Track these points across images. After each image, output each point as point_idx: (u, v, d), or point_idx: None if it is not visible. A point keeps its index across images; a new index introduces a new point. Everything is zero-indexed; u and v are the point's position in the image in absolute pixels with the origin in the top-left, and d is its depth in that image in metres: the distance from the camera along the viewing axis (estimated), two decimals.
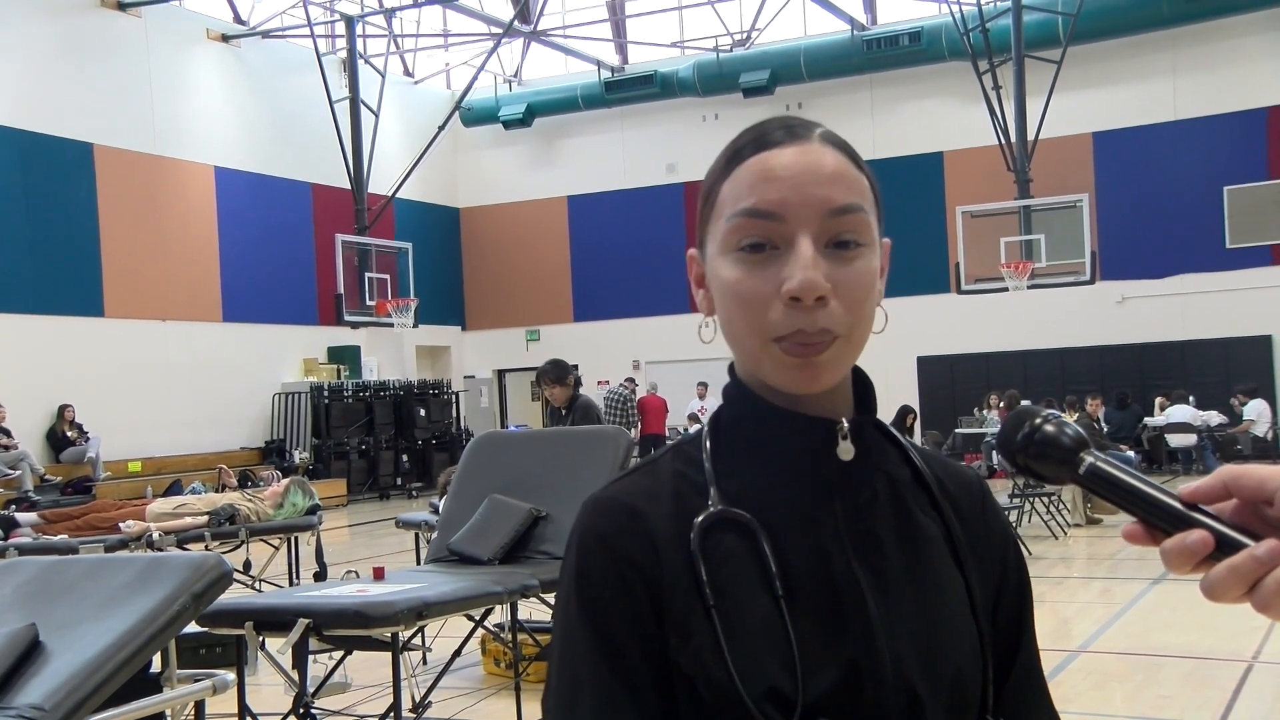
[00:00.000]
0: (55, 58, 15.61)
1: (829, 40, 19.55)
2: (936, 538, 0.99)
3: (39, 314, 15.15)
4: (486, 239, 22.53)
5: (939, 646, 0.94)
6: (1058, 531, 10.62)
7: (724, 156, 0.97)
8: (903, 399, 15.58)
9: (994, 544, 1.03)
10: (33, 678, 2.57)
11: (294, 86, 18.89)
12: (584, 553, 0.94)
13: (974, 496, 1.04)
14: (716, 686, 0.88)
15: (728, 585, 0.91)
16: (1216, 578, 0.73)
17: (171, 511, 7.28)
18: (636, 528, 0.93)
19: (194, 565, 2.97)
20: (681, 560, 0.92)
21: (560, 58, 21.56)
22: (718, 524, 0.94)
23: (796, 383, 0.93)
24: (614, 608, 0.92)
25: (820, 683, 0.89)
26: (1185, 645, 6.22)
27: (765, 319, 0.91)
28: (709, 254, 0.97)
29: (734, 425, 1.00)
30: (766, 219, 0.92)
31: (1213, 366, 17.39)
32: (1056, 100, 16.55)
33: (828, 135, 0.96)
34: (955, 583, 0.98)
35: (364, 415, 18.83)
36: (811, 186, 0.92)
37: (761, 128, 0.97)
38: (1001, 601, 1.02)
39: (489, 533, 4.49)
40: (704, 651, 0.89)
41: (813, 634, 0.90)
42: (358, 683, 5.03)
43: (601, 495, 0.96)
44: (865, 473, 0.98)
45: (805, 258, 0.90)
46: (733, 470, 0.97)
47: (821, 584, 0.93)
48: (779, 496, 0.95)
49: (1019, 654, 1.02)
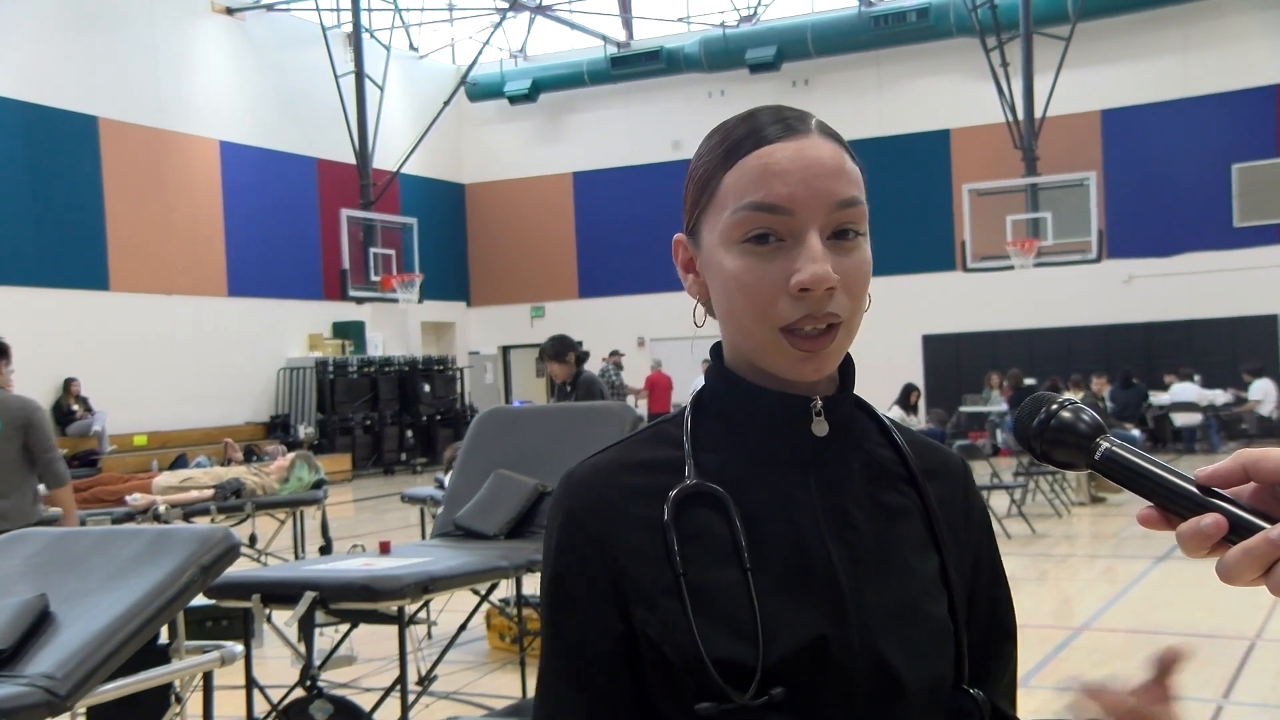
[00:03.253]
0: (60, 30, 15.55)
1: (836, 16, 19.44)
2: (912, 515, 1.01)
3: (44, 287, 15.16)
4: (491, 215, 22.50)
5: (910, 620, 0.96)
6: (1061, 510, 10.64)
7: (718, 147, 0.99)
8: (908, 377, 15.59)
9: (972, 527, 1.06)
10: (44, 647, 2.59)
11: (299, 60, 18.82)
12: (554, 527, 0.98)
13: (956, 480, 1.06)
14: (682, 652, 0.91)
15: (698, 556, 0.94)
16: (1231, 560, 0.73)
17: (177, 485, 7.31)
18: (607, 503, 0.97)
19: (202, 538, 2.99)
20: (652, 533, 0.95)
21: (566, 33, 21.46)
22: (691, 498, 0.96)
23: (801, 372, 0.95)
24: (577, 582, 0.96)
25: (783, 649, 0.91)
26: (1188, 623, 6.24)
27: (773, 309, 0.94)
28: (706, 242, 0.99)
29: (714, 403, 1.03)
30: (775, 213, 0.94)
31: (1219, 346, 17.36)
32: (1064, 77, 16.47)
33: (823, 127, 0.98)
34: (929, 559, 1.00)
35: (369, 391, 18.86)
36: (817, 181, 0.94)
37: (755, 120, 0.98)
38: (977, 583, 1.05)
39: (495, 508, 4.50)
40: (670, 620, 0.92)
41: (782, 605, 0.93)
42: (364, 656, 5.06)
43: (576, 470, 1.00)
44: (842, 449, 1.00)
45: (815, 251, 0.93)
46: (710, 446, 1.00)
47: (793, 557, 0.95)
48: (755, 472, 0.98)
49: (991, 632, 1.05)
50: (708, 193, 0.98)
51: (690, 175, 1.01)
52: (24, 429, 4.92)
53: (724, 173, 0.97)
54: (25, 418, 4.94)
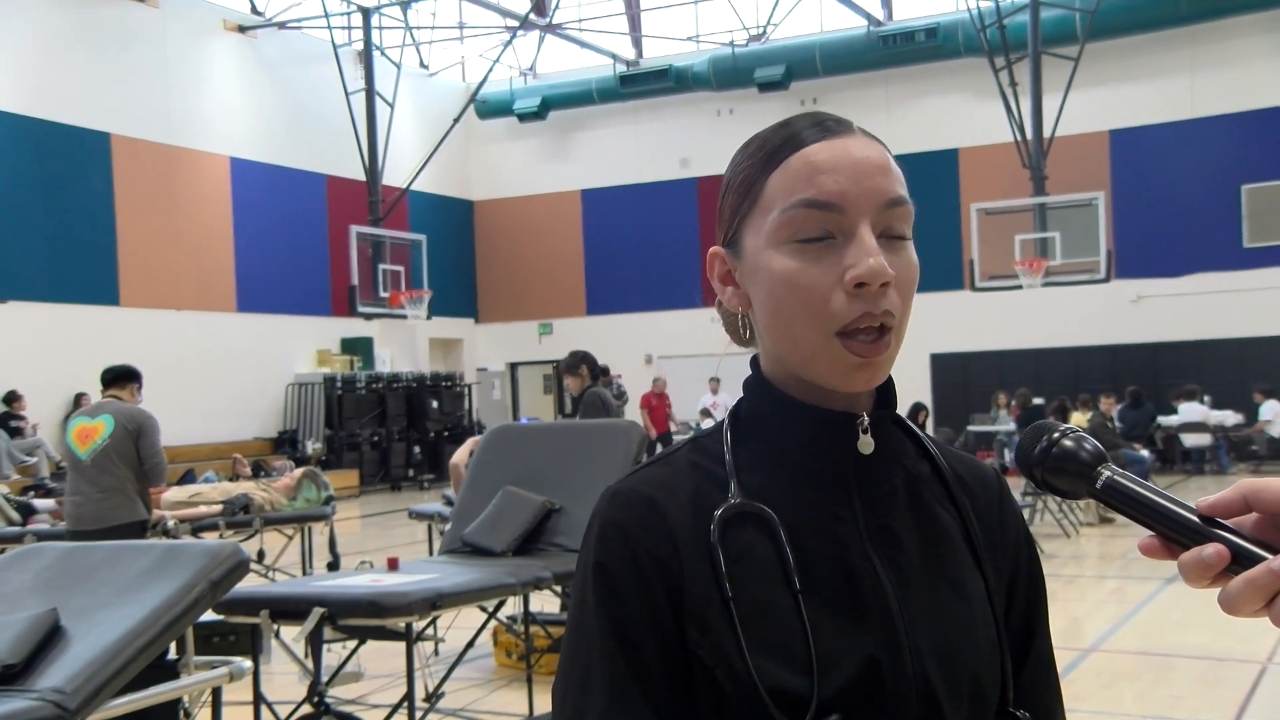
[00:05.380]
0: (73, 47, 15.67)
1: (845, 35, 19.50)
2: (955, 533, 1.00)
3: (55, 302, 15.23)
4: (500, 231, 22.56)
5: (958, 641, 0.94)
6: (1070, 530, 10.60)
7: (758, 153, 0.97)
8: (915, 396, 15.57)
9: (1009, 541, 1.04)
10: (54, 662, 2.60)
11: (310, 78, 18.93)
12: (601, 544, 0.94)
13: (991, 493, 1.05)
14: (736, 678, 0.89)
15: (746, 578, 0.92)
16: (1233, 591, 0.73)
17: (186, 500, 7.33)
18: (654, 520, 0.94)
19: (211, 553, 3.00)
20: (700, 553, 0.92)
21: (575, 51, 21.56)
22: (737, 517, 0.94)
23: (852, 381, 0.93)
24: (629, 600, 0.92)
25: (838, 678, 0.89)
26: (1198, 646, 6.20)
27: (827, 309, 0.91)
28: (750, 248, 0.97)
29: (753, 419, 1.00)
30: (827, 210, 0.92)
31: (1228, 366, 17.30)
32: (1073, 97, 16.48)
33: (863, 130, 0.98)
34: (973, 578, 0.99)
35: (376, 406, 18.88)
36: (867, 178, 0.93)
37: (793, 124, 0.97)
38: (1015, 598, 1.03)
39: (502, 525, 4.50)
40: (723, 644, 0.90)
41: (832, 628, 0.91)
42: (371, 672, 5.06)
43: (620, 486, 0.97)
44: (885, 467, 0.98)
45: (870, 245, 0.91)
46: (752, 464, 0.97)
47: (841, 578, 0.93)
48: (799, 490, 0.96)
49: (1032, 649, 1.03)
50: (750, 198, 0.96)
51: (728, 185, 1.00)
52: (135, 434, 5.89)
53: (767, 176, 0.95)
54: (137, 425, 5.94)
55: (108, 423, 5.90)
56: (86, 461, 5.87)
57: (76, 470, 5.93)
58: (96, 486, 5.84)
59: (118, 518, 5.86)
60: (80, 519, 5.87)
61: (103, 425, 5.90)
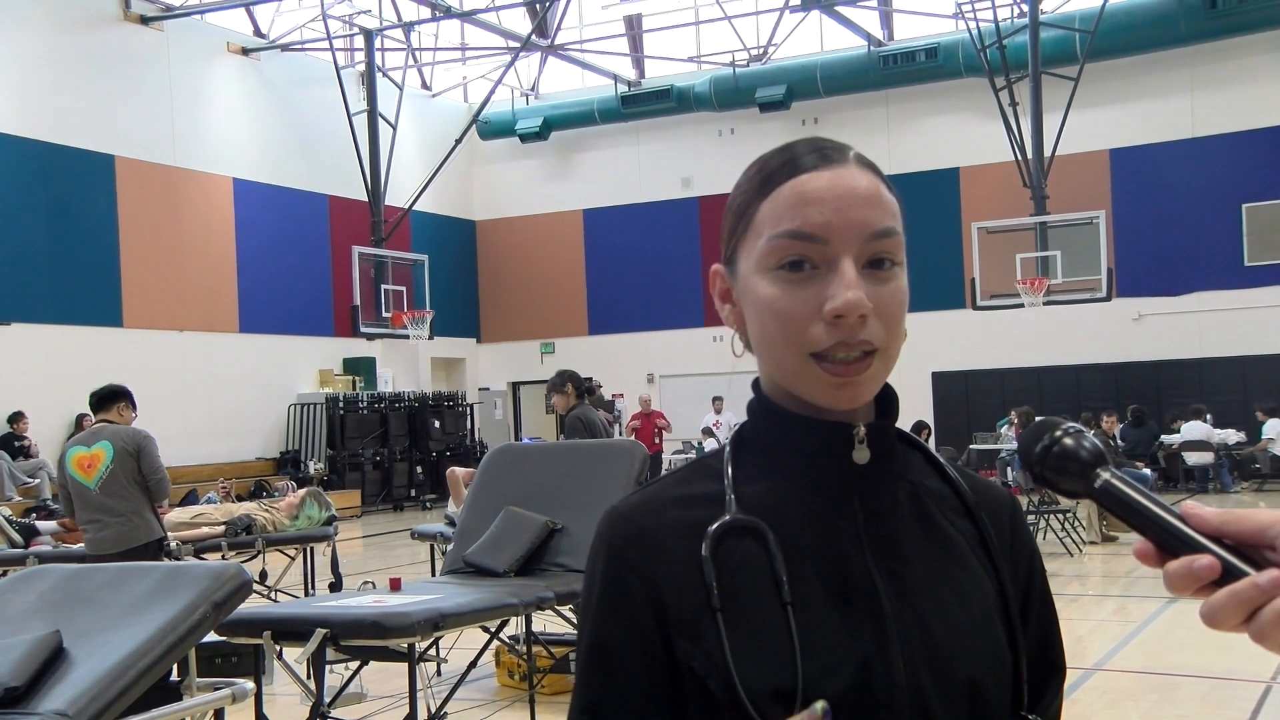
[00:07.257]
0: (77, 70, 15.75)
1: (845, 56, 19.58)
2: (964, 545, 1.01)
3: (59, 324, 15.26)
4: (502, 252, 22.61)
5: (957, 652, 0.95)
6: (1073, 548, 10.58)
7: (755, 176, 1.00)
8: (918, 414, 15.56)
9: (1021, 561, 1.05)
10: (57, 684, 2.60)
11: (312, 99, 19.01)
12: (597, 564, 0.98)
13: (1003, 513, 1.06)
14: (727, 689, 0.91)
15: (738, 591, 0.94)
16: (1218, 603, 0.74)
17: (189, 521, 7.33)
18: (650, 539, 0.97)
19: (214, 574, 3.00)
20: (693, 568, 0.95)
21: (577, 71, 21.65)
22: (732, 531, 0.96)
23: (835, 400, 0.95)
24: (621, 619, 0.95)
25: (829, 685, 0.91)
26: (1202, 665, 6.17)
27: (805, 335, 0.93)
28: (742, 271, 0.99)
29: (755, 437, 1.03)
30: (809, 241, 0.94)
31: (1229, 385, 17.30)
32: (1073, 117, 16.53)
33: (860, 158, 0.99)
34: (983, 589, 1.00)
35: (379, 426, 18.88)
36: (853, 210, 0.94)
37: (792, 150, 0.99)
38: (1030, 616, 1.04)
39: (505, 545, 4.50)
40: (714, 655, 0.92)
41: (824, 637, 0.93)
42: (373, 693, 5.04)
43: (619, 506, 1.00)
44: (885, 479, 1.00)
45: (849, 278, 0.92)
46: (752, 477, 1.00)
47: (836, 587, 0.95)
48: (798, 501, 0.98)
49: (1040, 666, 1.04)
50: (744, 222, 0.99)
51: (728, 206, 1.02)
52: (135, 455, 5.95)
53: (760, 202, 0.97)
54: (136, 445, 5.98)
55: (106, 449, 5.93)
56: (95, 490, 5.91)
57: (84, 499, 5.96)
58: (112, 512, 5.92)
59: (138, 539, 5.94)
60: (101, 544, 5.92)
61: (102, 452, 5.93)
